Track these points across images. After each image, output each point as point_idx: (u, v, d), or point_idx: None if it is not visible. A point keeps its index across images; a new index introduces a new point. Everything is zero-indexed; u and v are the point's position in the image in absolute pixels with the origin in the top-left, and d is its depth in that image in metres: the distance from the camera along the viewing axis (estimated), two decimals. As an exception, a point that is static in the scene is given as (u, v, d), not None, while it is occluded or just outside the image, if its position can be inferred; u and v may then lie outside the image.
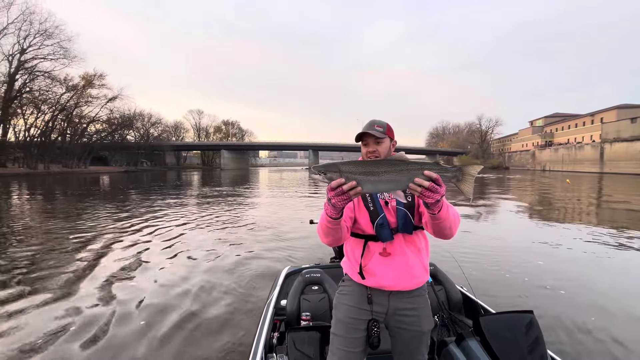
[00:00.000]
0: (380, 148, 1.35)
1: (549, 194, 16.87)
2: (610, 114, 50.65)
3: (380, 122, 1.37)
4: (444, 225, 1.18)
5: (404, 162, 1.08)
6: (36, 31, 38.52)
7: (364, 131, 1.34)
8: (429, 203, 1.08)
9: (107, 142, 55.47)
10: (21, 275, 4.33)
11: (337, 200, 1.08)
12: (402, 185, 1.07)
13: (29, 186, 21.51)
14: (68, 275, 4.30)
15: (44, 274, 4.38)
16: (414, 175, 1.04)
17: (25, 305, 3.41)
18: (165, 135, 74.91)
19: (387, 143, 1.36)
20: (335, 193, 1.06)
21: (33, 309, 3.33)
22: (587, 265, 4.96)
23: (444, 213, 1.14)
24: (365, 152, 1.38)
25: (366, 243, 1.35)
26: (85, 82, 47.29)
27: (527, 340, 1.62)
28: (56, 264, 4.79)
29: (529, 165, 65.11)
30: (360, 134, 1.36)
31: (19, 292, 3.75)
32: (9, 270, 4.52)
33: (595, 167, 46.75)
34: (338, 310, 1.40)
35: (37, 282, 4.07)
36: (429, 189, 1.03)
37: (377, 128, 1.34)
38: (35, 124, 42.95)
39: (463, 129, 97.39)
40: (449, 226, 1.20)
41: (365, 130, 1.34)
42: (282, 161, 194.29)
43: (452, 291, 2.40)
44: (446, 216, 1.16)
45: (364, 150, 1.38)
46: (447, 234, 1.24)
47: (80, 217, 9.07)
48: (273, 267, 4.63)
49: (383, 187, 1.09)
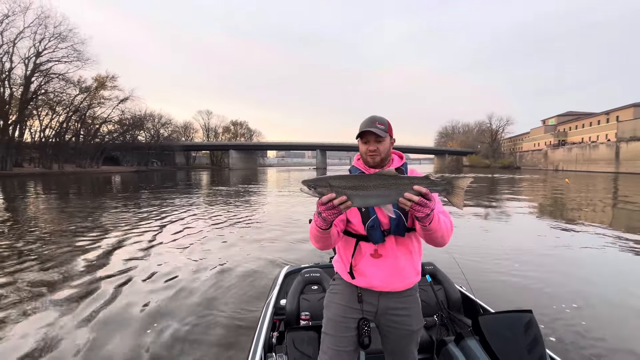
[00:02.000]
0: (381, 147, 1.30)
1: (561, 194, 16.51)
2: (626, 112, 49.10)
3: (381, 119, 1.31)
4: (435, 236, 1.19)
5: (394, 176, 1.09)
6: (51, 34, 39.55)
7: (366, 129, 1.27)
8: (419, 217, 1.09)
9: (118, 142, 56.60)
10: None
11: (327, 214, 1.08)
12: (391, 199, 1.08)
13: (53, 186, 22.09)
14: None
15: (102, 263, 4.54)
16: (403, 190, 1.05)
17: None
18: (175, 135, 75.97)
19: (388, 142, 1.32)
20: (326, 207, 1.06)
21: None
22: (591, 267, 4.85)
23: (434, 225, 1.14)
24: (365, 150, 1.32)
25: (357, 243, 1.33)
26: (98, 84, 48.43)
27: (526, 339, 1.61)
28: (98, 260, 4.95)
29: (541, 165, 63.71)
30: (362, 131, 1.29)
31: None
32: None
33: (611, 167, 45.43)
34: (328, 309, 1.40)
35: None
36: (418, 204, 1.04)
37: (379, 126, 1.28)
38: (50, 125, 44.24)
39: (473, 128, 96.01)
40: (440, 236, 1.20)
41: (367, 127, 1.27)
42: (289, 161, 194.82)
43: (451, 291, 2.39)
44: (437, 227, 1.16)
45: (364, 148, 1.32)
46: (440, 243, 1.23)
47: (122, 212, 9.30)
48: (273, 265, 4.67)
49: (372, 201, 1.10)
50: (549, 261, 4.93)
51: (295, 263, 4.37)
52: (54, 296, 3.64)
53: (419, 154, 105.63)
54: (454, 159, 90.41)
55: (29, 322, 3.06)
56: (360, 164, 1.39)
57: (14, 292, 3.75)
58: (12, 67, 37.77)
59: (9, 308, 3.35)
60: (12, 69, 37.79)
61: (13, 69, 37.96)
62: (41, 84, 40.40)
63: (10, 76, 37.77)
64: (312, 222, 1.21)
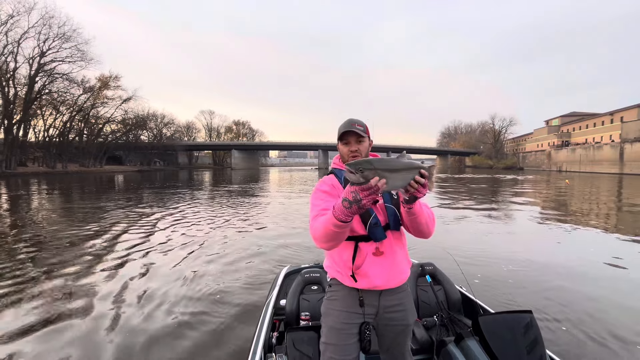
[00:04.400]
0: (362, 147, 1.34)
1: (563, 195, 16.42)
2: (631, 112, 48.73)
3: (359, 122, 1.36)
4: (419, 221, 1.26)
5: (411, 161, 1.13)
6: (55, 34, 39.75)
7: (347, 129, 1.32)
8: (418, 198, 1.17)
9: (121, 142, 56.92)
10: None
11: (368, 200, 1.01)
12: (406, 182, 1.11)
13: (63, 185, 22.25)
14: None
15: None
16: (416, 174, 1.11)
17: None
18: (178, 135, 76.34)
19: (367, 142, 1.37)
20: (370, 192, 0.99)
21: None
22: (592, 267, 4.80)
23: (417, 208, 1.23)
24: (346, 152, 1.36)
25: (357, 245, 1.31)
26: (102, 84, 48.69)
27: (526, 340, 1.61)
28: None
29: (545, 165, 63.37)
30: (343, 132, 1.33)
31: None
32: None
33: (615, 168, 45.11)
34: (328, 317, 1.37)
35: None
36: (423, 185, 1.12)
37: (358, 127, 1.32)
38: (53, 124, 44.66)
39: (476, 128, 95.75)
40: (424, 222, 1.27)
41: (347, 128, 1.32)
42: (291, 161, 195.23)
43: (451, 291, 2.38)
44: (420, 212, 1.24)
45: (345, 150, 1.36)
46: (424, 231, 1.29)
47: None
48: (274, 265, 4.67)
49: (399, 184, 1.10)
50: (549, 262, 4.89)
51: (295, 263, 4.37)
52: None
53: (421, 154, 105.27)
54: (457, 159, 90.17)
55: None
56: (341, 165, 1.41)
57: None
58: (16, 67, 38.05)
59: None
60: (16, 69, 38.06)
61: (17, 68, 38.24)
62: (45, 83, 40.69)
63: (15, 76, 38.06)
64: (321, 219, 1.16)
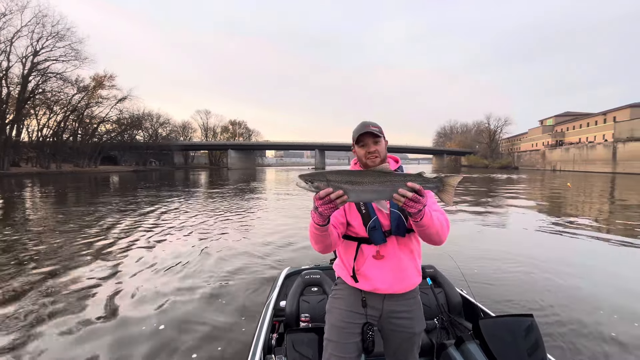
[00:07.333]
0: (380, 148, 1.31)
1: (560, 195, 16.57)
2: (623, 112, 49.31)
3: (374, 123, 1.34)
4: (429, 232, 1.21)
5: (388, 173, 1.12)
6: (48, 33, 39.25)
7: (364, 131, 1.29)
8: (411, 212, 1.12)
9: (116, 142, 56.30)
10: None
11: (324, 208, 1.09)
12: (385, 195, 1.10)
13: (58, 185, 21.98)
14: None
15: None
16: (397, 186, 1.08)
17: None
18: (174, 135, 75.64)
19: (384, 143, 1.34)
20: (323, 202, 1.07)
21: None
22: (593, 268, 4.86)
23: (426, 220, 1.17)
24: (364, 154, 1.32)
25: (359, 246, 1.34)
26: (96, 83, 48.17)
27: (526, 343, 1.61)
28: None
29: (539, 165, 63.90)
30: (359, 135, 1.30)
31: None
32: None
33: (608, 167, 45.61)
34: (331, 314, 1.39)
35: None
36: (411, 200, 1.07)
37: (373, 128, 1.29)
38: (47, 124, 44.03)
39: (471, 128, 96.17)
40: (435, 232, 1.21)
41: (363, 130, 1.29)
42: (288, 161, 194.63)
43: (452, 294, 2.39)
44: (430, 223, 1.18)
45: (362, 152, 1.33)
46: (435, 240, 1.25)
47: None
48: (274, 266, 4.66)
49: (367, 196, 1.12)
50: (550, 265, 4.89)
51: (295, 264, 4.36)
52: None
53: (418, 154, 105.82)
54: (453, 159, 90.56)
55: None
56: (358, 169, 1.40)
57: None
58: (9, 66, 37.47)
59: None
60: (9, 68, 37.47)
61: (10, 67, 37.65)
62: (39, 83, 40.16)
63: (8, 75, 37.47)
64: (310, 222, 1.22)
